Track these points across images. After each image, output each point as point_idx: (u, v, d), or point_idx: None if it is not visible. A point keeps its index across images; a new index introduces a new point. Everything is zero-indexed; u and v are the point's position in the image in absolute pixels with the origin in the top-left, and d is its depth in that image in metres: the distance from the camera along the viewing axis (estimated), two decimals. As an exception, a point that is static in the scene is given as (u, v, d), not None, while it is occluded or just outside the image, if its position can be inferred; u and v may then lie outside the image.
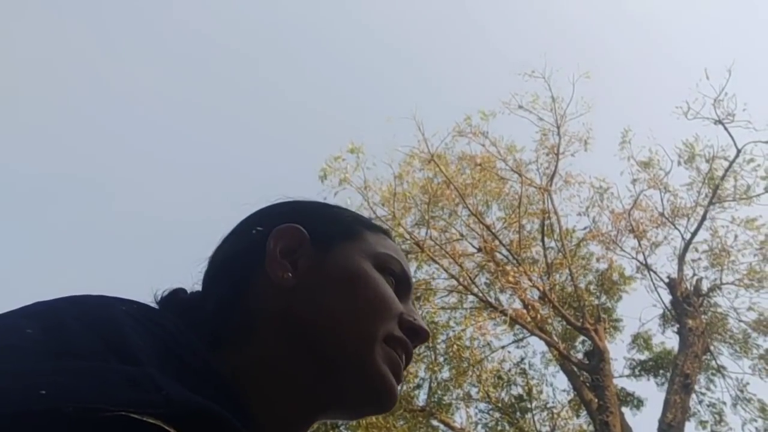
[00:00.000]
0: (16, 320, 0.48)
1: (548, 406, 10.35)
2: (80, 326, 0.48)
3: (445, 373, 9.84)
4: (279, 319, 0.63)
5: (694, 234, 9.75)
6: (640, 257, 10.09)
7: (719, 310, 10.25)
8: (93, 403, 0.40)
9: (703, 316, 9.49)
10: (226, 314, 0.65)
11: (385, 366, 0.64)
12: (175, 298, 0.69)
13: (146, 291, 0.69)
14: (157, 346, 0.50)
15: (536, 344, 10.24)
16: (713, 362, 10.26)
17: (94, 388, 0.42)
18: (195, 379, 0.49)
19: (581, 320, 9.26)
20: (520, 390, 10.35)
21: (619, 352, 13.24)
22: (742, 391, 10.13)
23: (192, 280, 0.73)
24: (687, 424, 8.70)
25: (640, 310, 11.74)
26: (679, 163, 10.12)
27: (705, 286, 10.03)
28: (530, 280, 9.60)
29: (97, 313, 0.51)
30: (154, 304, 0.68)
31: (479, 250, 9.88)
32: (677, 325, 9.47)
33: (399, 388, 0.67)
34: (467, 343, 9.74)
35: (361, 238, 0.71)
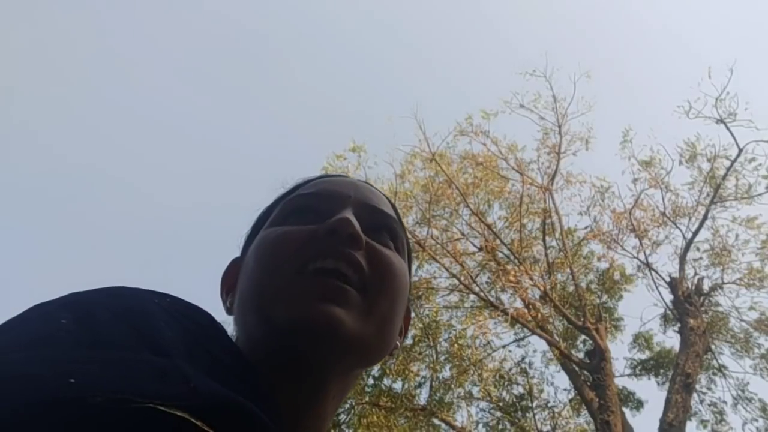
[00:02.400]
0: (51, 310, 0.49)
1: (549, 405, 10.36)
2: (112, 317, 0.49)
3: (446, 372, 9.86)
4: (244, 337, 0.65)
5: (695, 233, 9.76)
6: (642, 256, 10.10)
7: (720, 309, 10.26)
8: (121, 394, 0.40)
9: (704, 316, 9.49)
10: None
11: (309, 296, 0.60)
12: None
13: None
14: (187, 339, 0.51)
15: (537, 343, 10.26)
16: (714, 362, 10.28)
17: (123, 378, 0.42)
18: (224, 374, 0.50)
19: (582, 319, 9.26)
20: (521, 389, 10.36)
21: (620, 351, 13.30)
22: (743, 391, 10.14)
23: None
24: (688, 423, 8.71)
25: (641, 309, 11.78)
26: (680, 163, 10.13)
27: (706, 285, 10.03)
28: (531, 279, 9.60)
29: (128, 304, 0.52)
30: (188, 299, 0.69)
31: (480, 249, 9.88)
32: (678, 325, 9.47)
33: (345, 304, 0.60)
34: (468, 342, 9.75)
35: (273, 213, 0.72)
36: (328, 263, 0.62)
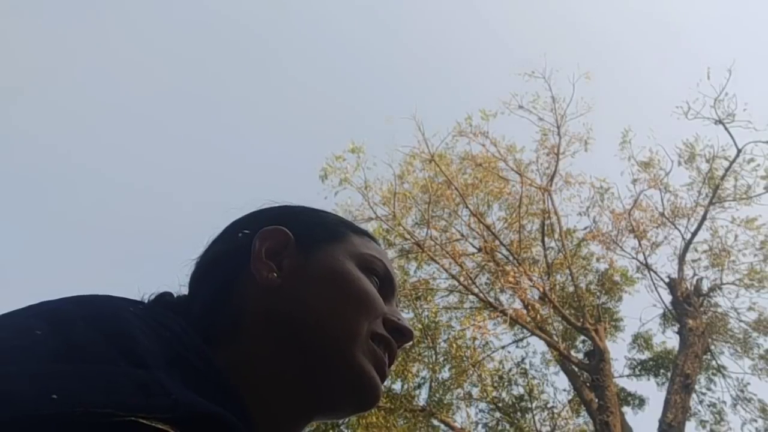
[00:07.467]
0: (25, 320, 0.48)
1: (548, 406, 10.36)
2: (89, 328, 0.48)
3: (446, 373, 9.85)
4: (266, 318, 0.65)
5: (694, 234, 9.76)
6: (641, 257, 10.11)
7: (719, 310, 10.27)
8: (103, 408, 0.40)
9: (703, 316, 9.49)
10: (213, 315, 0.66)
11: (368, 362, 0.66)
12: (162, 300, 0.70)
13: (133, 292, 0.69)
14: (164, 348, 0.51)
15: (536, 344, 10.26)
16: (713, 362, 10.28)
17: (104, 392, 0.42)
18: (201, 382, 0.50)
19: (581, 320, 9.27)
20: (520, 390, 10.36)
21: (619, 351, 13.29)
22: (742, 391, 10.15)
23: (179, 283, 0.74)
24: (687, 423, 8.71)
25: (640, 310, 11.75)
26: (679, 163, 10.13)
27: (705, 286, 10.04)
28: (530, 280, 9.60)
29: (105, 314, 0.51)
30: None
31: (480, 250, 9.88)
32: (677, 325, 9.48)
33: (383, 385, 0.68)
34: (467, 342, 9.75)
35: (345, 239, 0.73)
36: (392, 350, 0.70)
